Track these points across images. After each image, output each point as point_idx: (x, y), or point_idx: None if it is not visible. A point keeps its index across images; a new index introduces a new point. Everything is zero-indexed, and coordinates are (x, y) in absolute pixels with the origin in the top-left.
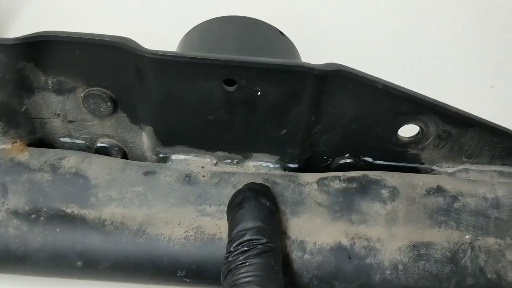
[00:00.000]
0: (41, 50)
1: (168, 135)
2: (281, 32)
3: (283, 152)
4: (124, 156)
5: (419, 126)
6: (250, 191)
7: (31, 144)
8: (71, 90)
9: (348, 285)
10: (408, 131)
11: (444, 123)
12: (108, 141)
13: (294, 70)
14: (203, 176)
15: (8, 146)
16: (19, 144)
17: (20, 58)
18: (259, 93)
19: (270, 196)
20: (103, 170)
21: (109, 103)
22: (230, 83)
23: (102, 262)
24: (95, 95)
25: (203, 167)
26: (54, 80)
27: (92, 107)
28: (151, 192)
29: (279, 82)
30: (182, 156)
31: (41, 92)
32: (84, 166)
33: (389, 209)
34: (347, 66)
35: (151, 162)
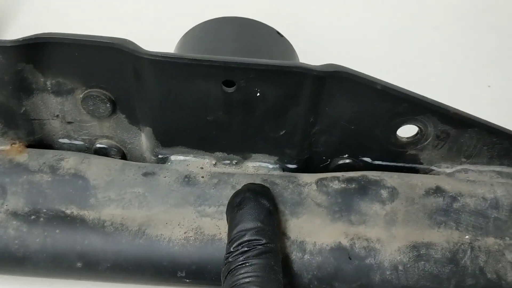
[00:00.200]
0: (40, 51)
1: (167, 136)
2: (278, 33)
3: (282, 152)
4: (123, 157)
5: (418, 127)
6: (249, 191)
7: (30, 145)
8: (70, 92)
9: (348, 285)
10: (407, 131)
11: (443, 123)
12: (107, 142)
13: (293, 71)
14: (202, 177)
15: (7, 147)
16: (18, 145)
17: (19, 60)
18: (258, 94)
19: (270, 196)
20: (102, 171)
21: (108, 104)
22: (229, 84)
23: (102, 263)
24: (94, 96)
25: (202, 168)
26: (53, 81)
27: (91, 108)
28: (151, 193)
29: (278, 83)
30: (181, 157)
31: (40, 93)
32: (83, 167)
33: (388, 209)
34: (346, 67)
35: (150, 163)
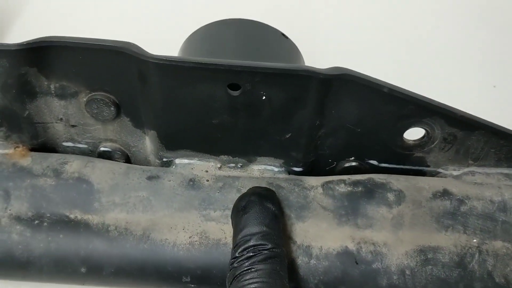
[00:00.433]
0: (44, 55)
1: (172, 139)
2: (283, 34)
3: (288, 155)
4: (127, 160)
5: (425, 129)
6: (254, 195)
7: (33, 149)
8: (74, 95)
9: None
10: (413, 134)
11: (450, 126)
12: (111, 145)
13: (299, 74)
14: (207, 181)
15: (10, 151)
16: (21, 149)
17: (23, 63)
18: (264, 97)
19: (275, 200)
20: (106, 174)
21: (112, 108)
22: (234, 87)
23: (106, 268)
24: (98, 99)
25: (207, 171)
26: (57, 84)
27: (95, 111)
28: (155, 197)
29: (284, 87)
30: (185, 160)
31: (43, 96)
32: (87, 171)
33: (395, 213)
34: (352, 70)
35: (154, 166)
